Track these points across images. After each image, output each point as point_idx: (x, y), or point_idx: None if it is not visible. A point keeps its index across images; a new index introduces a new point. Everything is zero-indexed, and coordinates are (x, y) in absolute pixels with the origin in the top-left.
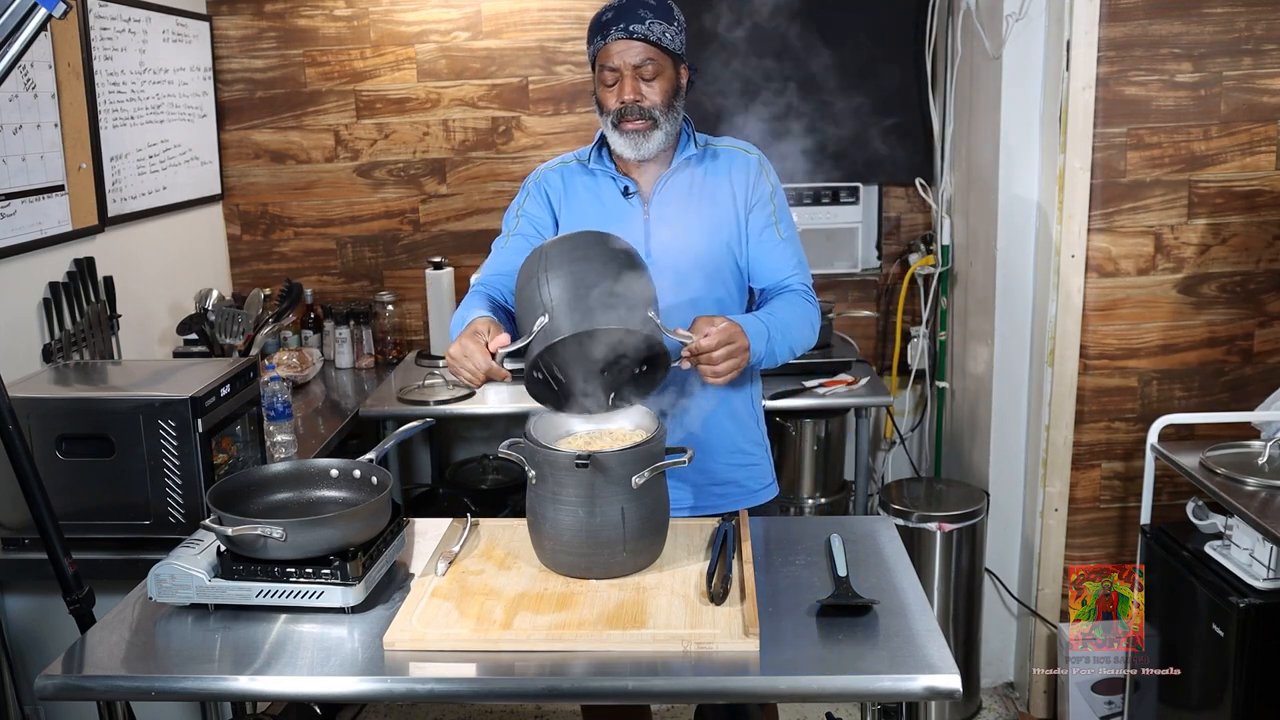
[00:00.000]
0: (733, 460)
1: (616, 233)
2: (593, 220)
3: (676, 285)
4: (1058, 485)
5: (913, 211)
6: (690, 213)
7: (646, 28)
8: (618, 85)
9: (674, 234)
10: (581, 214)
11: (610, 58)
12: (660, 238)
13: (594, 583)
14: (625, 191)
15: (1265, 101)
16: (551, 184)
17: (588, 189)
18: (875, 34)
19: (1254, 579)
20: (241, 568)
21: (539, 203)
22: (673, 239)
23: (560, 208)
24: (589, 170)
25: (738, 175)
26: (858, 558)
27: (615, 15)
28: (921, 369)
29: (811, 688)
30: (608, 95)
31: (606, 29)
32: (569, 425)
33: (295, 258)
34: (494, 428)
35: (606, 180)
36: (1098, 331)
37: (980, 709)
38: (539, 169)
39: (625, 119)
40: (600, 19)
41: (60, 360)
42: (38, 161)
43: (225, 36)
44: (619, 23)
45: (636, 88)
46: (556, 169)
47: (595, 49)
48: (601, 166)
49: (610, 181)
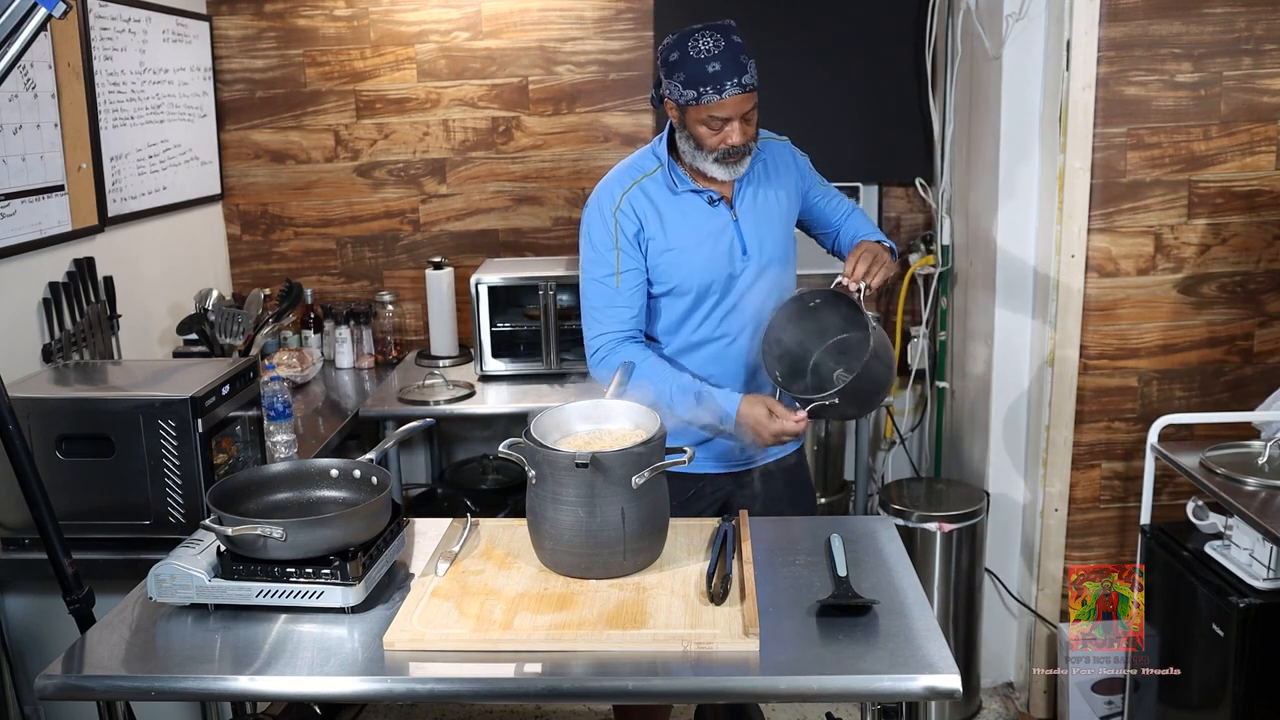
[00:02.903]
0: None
1: (714, 239)
2: (693, 235)
3: (770, 275)
4: (1058, 485)
5: (913, 211)
6: (767, 209)
7: (752, 77)
8: (725, 130)
9: (762, 230)
10: (680, 230)
11: (724, 109)
12: (752, 237)
13: (594, 583)
14: (711, 201)
15: (1265, 101)
16: (639, 207)
17: (677, 205)
18: (875, 34)
19: (1254, 579)
20: (241, 568)
21: (630, 231)
22: (763, 236)
23: (654, 226)
24: (672, 188)
25: (784, 164)
26: (858, 558)
27: (724, 69)
28: (921, 369)
29: (811, 688)
30: (711, 137)
31: (720, 83)
32: (569, 425)
33: (295, 258)
34: (494, 428)
35: (689, 195)
36: (1098, 331)
37: (980, 709)
38: (612, 193)
39: (729, 157)
40: (705, 69)
41: (60, 360)
42: (38, 161)
43: (225, 36)
44: (731, 77)
45: (745, 130)
46: (636, 191)
47: (701, 98)
48: (684, 184)
49: (694, 195)
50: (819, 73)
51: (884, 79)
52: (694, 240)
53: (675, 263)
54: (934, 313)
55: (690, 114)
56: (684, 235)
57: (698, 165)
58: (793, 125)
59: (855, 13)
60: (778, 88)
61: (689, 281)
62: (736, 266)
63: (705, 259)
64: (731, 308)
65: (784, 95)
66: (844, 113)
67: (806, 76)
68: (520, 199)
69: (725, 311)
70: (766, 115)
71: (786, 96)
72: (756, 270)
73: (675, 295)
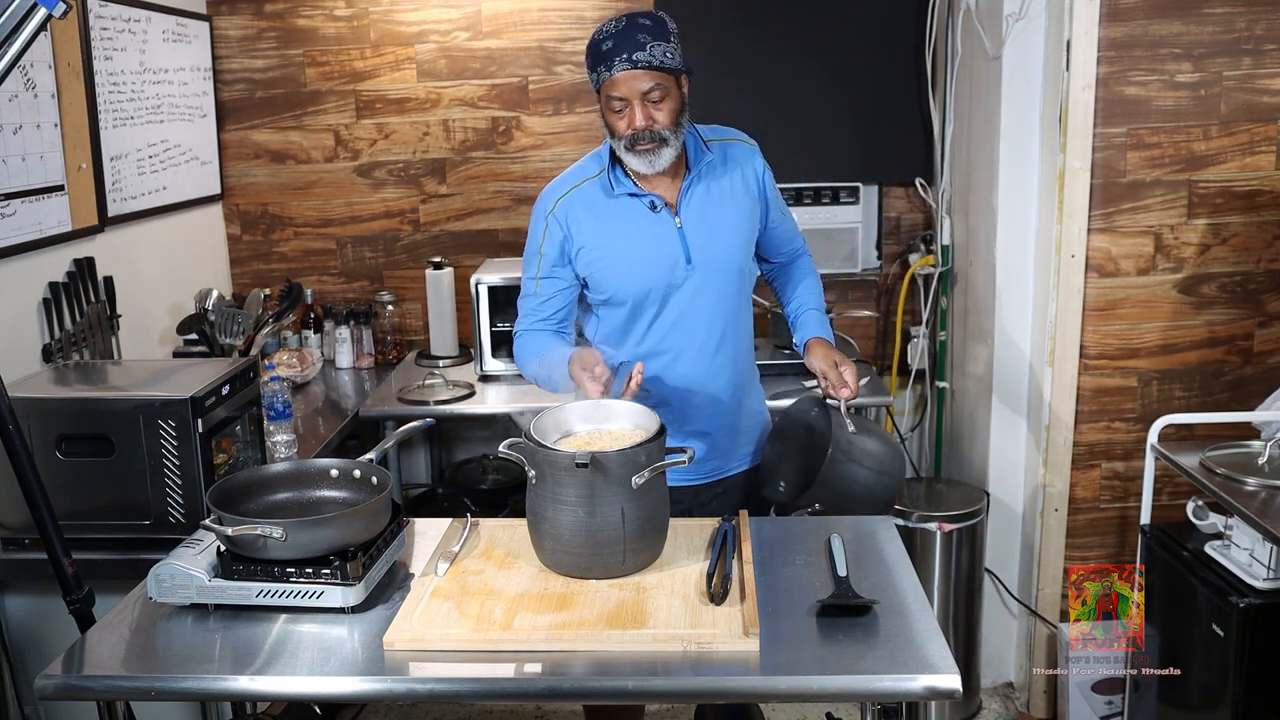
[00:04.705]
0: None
1: (653, 246)
2: (628, 240)
3: (718, 287)
4: (1058, 485)
5: (913, 211)
6: (718, 215)
7: (649, 54)
8: (626, 113)
9: (709, 238)
10: (614, 236)
11: (616, 87)
12: (697, 244)
13: (594, 583)
14: (653, 206)
15: (1265, 101)
16: (572, 212)
17: (613, 211)
18: (875, 34)
19: (1254, 579)
20: (241, 568)
21: (556, 239)
22: (709, 244)
23: (586, 233)
24: (609, 191)
25: (748, 168)
26: (858, 558)
27: (615, 45)
28: (921, 369)
29: (811, 688)
30: (617, 121)
31: (609, 60)
32: (569, 425)
33: (295, 258)
34: (494, 428)
35: (627, 199)
36: (1098, 331)
37: (980, 709)
38: (550, 197)
39: (638, 143)
40: (600, 48)
41: (60, 360)
42: (38, 161)
43: (225, 36)
44: (621, 53)
45: (647, 113)
46: (573, 196)
47: (600, 78)
48: (622, 186)
49: (633, 200)
50: (819, 73)
51: (884, 79)
52: (627, 246)
53: (608, 270)
54: (934, 313)
55: (601, 100)
56: (617, 241)
57: (625, 160)
58: (793, 125)
59: (855, 13)
60: (778, 88)
61: (624, 290)
62: (678, 276)
63: (641, 267)
64: (674, 321)
65: (784, 95)
66: (844, 113)
67: (806, 76)
68: (520, 199)
69: (668, 325)
70: (767, 115)
71: (786, 96)
72: (702, 281)
73: (612, 305)
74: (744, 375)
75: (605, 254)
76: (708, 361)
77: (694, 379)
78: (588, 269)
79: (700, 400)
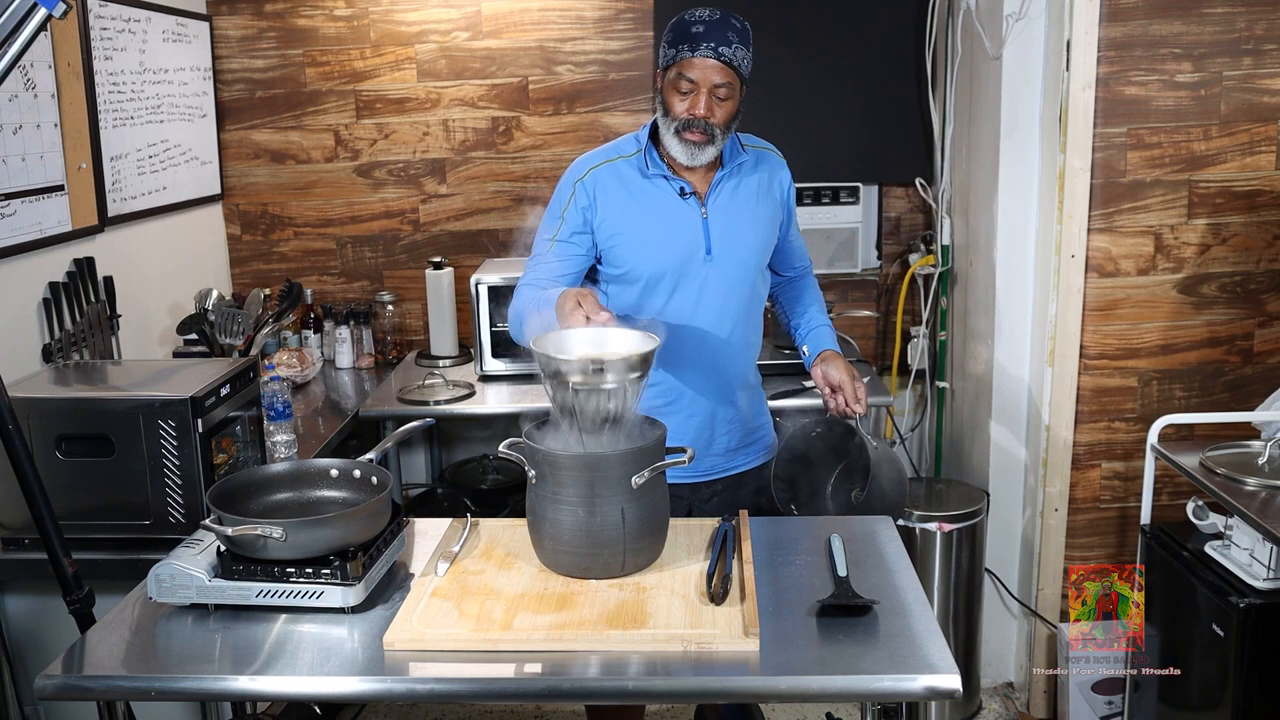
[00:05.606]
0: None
1: (676, 230)
2: (652, 219)
3: (734, 281)
4: (1058, 485)
5: (913, 211)
6: (743, 213)
7: (733, 52)
8: (691, 96)
9: (732, 233)
10: (639, 213)
11: (692, 69)
12: (719, 237)
13: (594, 583)
14: (681, 192)
15: (1265, 101)
16: (602, 182)
17: (643, 189)
18: (875, 34)
19: (1254, 579)
20: (241, 568)
21: (581, 205)
22: (731, 238)
23: (612, 205)
24: (643, 171)
25: (775, 176)
26: (858, 558)
27: (706, 31)
28: (921, 369)
29: (811, 688)
30: (678, 101)
31: (696, 42)
32: (569, 350)
33: (295, 258)
34: (494, 428)
35: (660, 181)
36: (1098, 331)
37: (980, 709)
38: (583, 165)
39: (689, 129)
40: (689, 29)
41: (60, 360)
42: (38, 161)
43: (225, 36)
44: (709, 41)
45: (710, 105)
46: (606, 168)
47: (678, 55)
48: (656, 168)
49: (665, 182)
50: (819, 73)
51: (884, 79)
52: (650, 225)
53: (627, 245)
54: (934, 313)
55: (666, 78)
56: (641, 218)
57: (664, 139)
58: (793, 125)
59: (855, 13)
60: (778, 88)
61: (640, 268)
62: (695, 265)
63: (660, 247)
64: (684, 309)
65: (784, 95)
66: (844, 113)
67: (806, 76)
68: (520, 199)
69: (677, 312)
70: (767, 115)
71: (786, 96)
72: (718, 274)
73: (625, 282)
74: (748, 375)
75: (627, 228)
76: (714, 356)
77: (698, 372)
78: (607, 241)
79: (703, 395)
